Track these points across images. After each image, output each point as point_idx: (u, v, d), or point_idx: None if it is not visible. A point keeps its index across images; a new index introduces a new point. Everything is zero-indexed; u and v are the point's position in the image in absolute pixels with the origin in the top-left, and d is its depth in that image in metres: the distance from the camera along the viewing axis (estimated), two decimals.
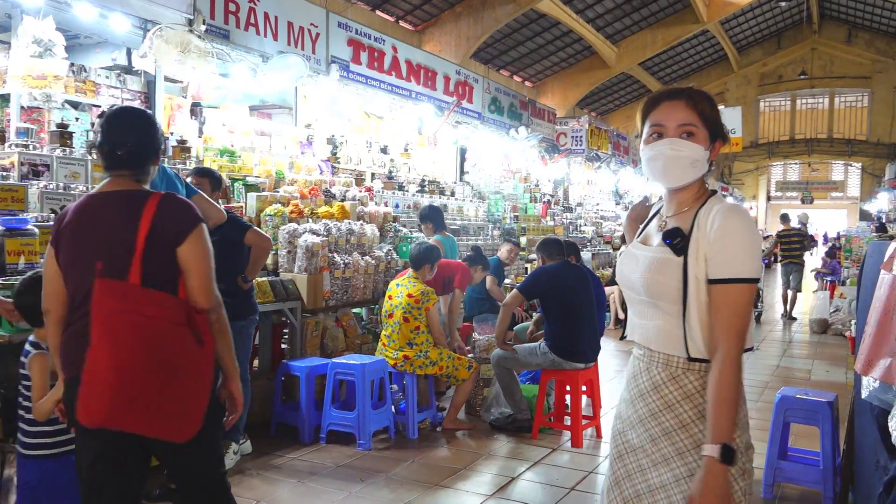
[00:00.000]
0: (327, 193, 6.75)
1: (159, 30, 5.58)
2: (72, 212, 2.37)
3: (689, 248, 1.78)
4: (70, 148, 5.12)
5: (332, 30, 7.52)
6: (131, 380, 2.16)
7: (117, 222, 2.31)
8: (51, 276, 2.37)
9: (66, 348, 2.32)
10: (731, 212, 1.78)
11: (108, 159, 2.38)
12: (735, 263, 1.73)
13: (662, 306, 1.83)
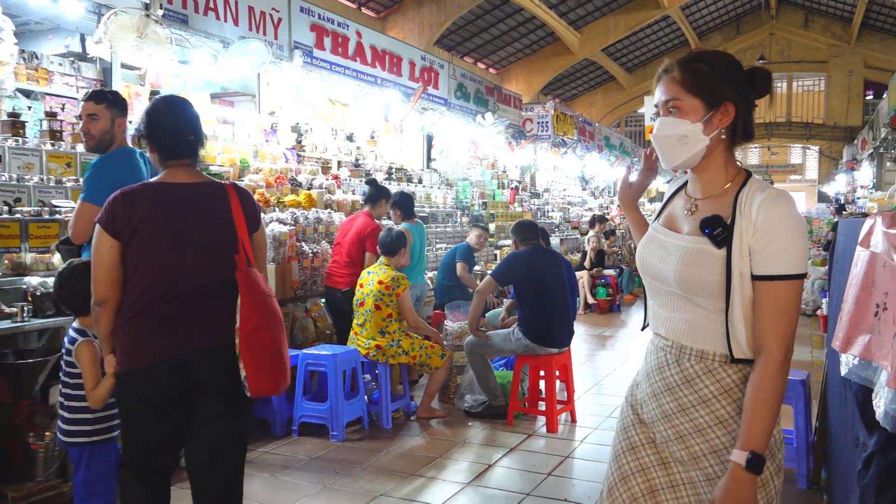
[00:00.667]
0: (293, 182, 6.62)
1: (114, 14, 5.37)
2: (147, 202, 2.46)
3: (733, 240, 1.61)
4: (23, 138, 4.91)
5: (294, 15, 7.34)
6: (284, 350, 2.55)
7: (215, 213, 2.53)
8: (110, 265, 2.45)
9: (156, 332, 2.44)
10: (779, 201, 1.61)
11: (173, 147, 2.53)
12: (785, 259, 1.58)
13: (698, 301, 1.67)
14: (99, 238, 2.45)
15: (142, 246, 2.44)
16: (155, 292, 2.44)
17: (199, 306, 2.49)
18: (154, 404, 2.48)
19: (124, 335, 2.48)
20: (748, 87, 1.68)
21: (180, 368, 2.46)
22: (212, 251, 2.51)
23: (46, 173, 4.82)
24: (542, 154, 13.36)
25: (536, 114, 13.06)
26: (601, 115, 28.34)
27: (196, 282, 2.49)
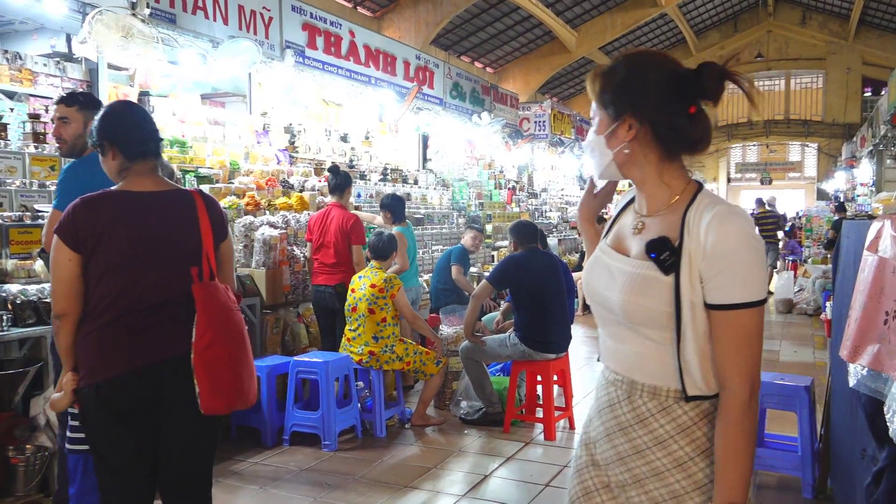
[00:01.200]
0: (285, 184, 6.50)
1: (98, 13, 5.24)
2: (111, 212, 2.36)
3: (682, 266, 1.44)
4: (5, 140, 4.79)
5: (285, 13, 7.22)
6: (242, 368, 2.45)
7: (180, 223, 2.46)
8: (70, 278, 2.35)
9: (124, 342, 2.35)
10: (731, 219, 1.42)
11: (136, 148, 2.44)
12: (740, 285, 1.41)
13: (647, 333, 1.51)
14: (58, 250, 2.33)
15: (106, 257, 2.34)
16: (122, 304, 2.35)
17: (166, 317, 2.40)
18: (122, 416, 2.37)
19: (90, 346, 2.36)
20: (671, 95, 1.48)
21: (148, 379, 2.37)
22: (177, 262, 2.43)
23: (29, 177, 4.70)
24: (539, 153, 13.25)
25: (533, 113, 12.95)
26: None
27: (162, 293, 2.40)
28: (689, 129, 1.50)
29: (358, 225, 5.44)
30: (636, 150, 1.52)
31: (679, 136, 1.51)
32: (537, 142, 12.87)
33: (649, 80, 1.50)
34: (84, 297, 2.37)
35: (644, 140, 1.51)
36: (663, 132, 1.50)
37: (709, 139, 1.54)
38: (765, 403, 4.08)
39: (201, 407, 2.37)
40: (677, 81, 1.49)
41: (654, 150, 1.52)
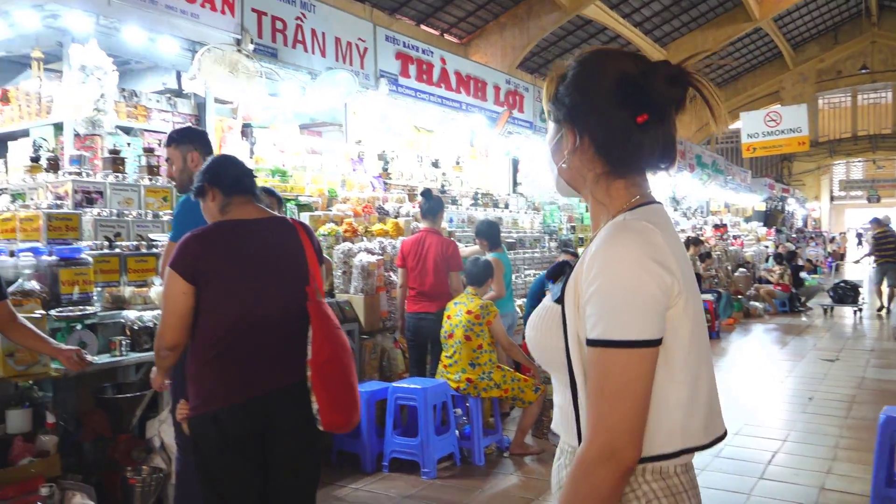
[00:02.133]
0: (381, 210, 6.59)
1: (207, 51, 5.50)
2: (222, 242, 2.44)
3: (566, 292, 1.23)
4: (123, 174, 5.06)
5: (379, 44, 7.38)
6: (354, 383, 2.51)
7: (288, 246, 2.53)
8: (185, 311, 2.40)
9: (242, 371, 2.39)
10: (615, 237, 1.18)
11: (232, 184, 2.55)
12: (604, 317, 1.14)
13: (556, 377, 1.30)
14: (172, 283, 2.40)
15: (221, 286, 2.41)
16: (237, 331, 2.40)
17: (279, 343, 2.47)
18: (236, 446, 2.41)
19: (208, 376, 2.42)
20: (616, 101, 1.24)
21: (263, 406, 2.42)
22: (287, 285, 2.50)
23: (144, 207, 4.94)
24: None
25: None
26: (690, 133, 27.46)
27: (275, 317, 2.47)
28: (640, 143, 1.24)
29: (457, 251, 5.44)
30: (579, 165, 1.30)
31: (625, 151, 1.26)
32: None
33: (591, 83, 1.27)
34: (196, 328, 2.43)
35: (587, 154, 1.28)
36: (604, 145, 1.26)
37: (671, 154, 1.29)
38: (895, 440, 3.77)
39: (322, 423, 2.41)
40: (622, 85, 1.25)
41: (597, 166, 1.28)
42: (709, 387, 1.29)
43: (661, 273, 1.16)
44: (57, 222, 4.35)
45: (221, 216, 2.55)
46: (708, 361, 1.31)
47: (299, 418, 2.46)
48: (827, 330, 11.49)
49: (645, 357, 1.15)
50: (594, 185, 1.30)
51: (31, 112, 5.60)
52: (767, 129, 15.70)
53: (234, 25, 5.83)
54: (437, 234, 5.53)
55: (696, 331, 1.24)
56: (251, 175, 2.65)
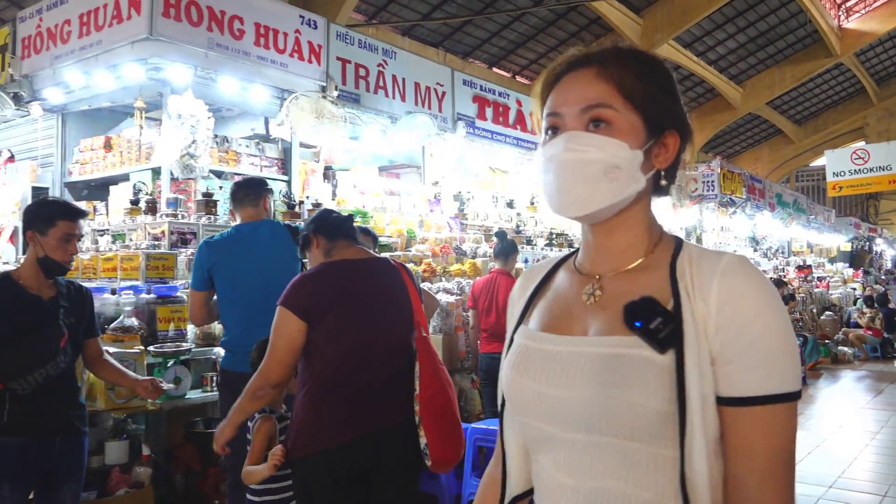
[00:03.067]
0: (458, 251, 6.65)
1: (295, 98, 5.74)
2: (332, 280, 2.51)
3: (686, 339, 0.94)
4: (215, 215, 5.29)
5: (457, 87, 7.55)
6: (459, 420, 2.50)
7: (392, 284, 2.61)
8: (296, 348, 2.43)
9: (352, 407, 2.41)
10: (751, 274, 0.97)
11: (337, 229, 2.65)
12: (777, 368, 0.93)
13: (632, 449, 0.96)
14: (285, 320, 2.42)
15: (333, 322, 2.44)
16: (349, 366, 2.43)
17: (388, 378, 2.48)
18: (345, 484, 2.39)
19: (318, 414, 2.41)
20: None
21: (373, 444, 2.42)
22: (394, 320, 2.55)
23: None
24: (707, 214, 12.70)
25: (701, 173, 12.49)
26: (768, 171, 26.80)
27: (384, 352, 2.49)
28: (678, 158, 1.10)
29: None
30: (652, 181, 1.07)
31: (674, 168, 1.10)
32: (706, 202, 12.35)
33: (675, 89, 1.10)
34: (306, 366, 2.46)
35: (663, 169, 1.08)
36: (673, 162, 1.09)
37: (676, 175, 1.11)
38: None
39: (431, 459, 2.39)
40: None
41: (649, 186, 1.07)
42: None
43: None
44: (154, 262, 4.58)
45: (326, 260, 2.63)
46: None
47: (406, 458, 2.45)
48: None
49: (796, 410, 0.95)
50: (647, 205, 1.08)
51: (131, 158, 5.95)
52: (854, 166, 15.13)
53: (320, 73, 6.09)
54: (507, 276, 5.56)
55: None
56: (351, 221, 2.74)
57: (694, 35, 18.96)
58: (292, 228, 3.60)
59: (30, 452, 2.79)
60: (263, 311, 3.42)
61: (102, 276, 4.73)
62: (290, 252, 3.53)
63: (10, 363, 2.73)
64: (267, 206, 3.68)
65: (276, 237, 3.57)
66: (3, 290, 2.87)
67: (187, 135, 5.27)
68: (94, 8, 5.44)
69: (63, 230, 2.83)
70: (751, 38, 20.14)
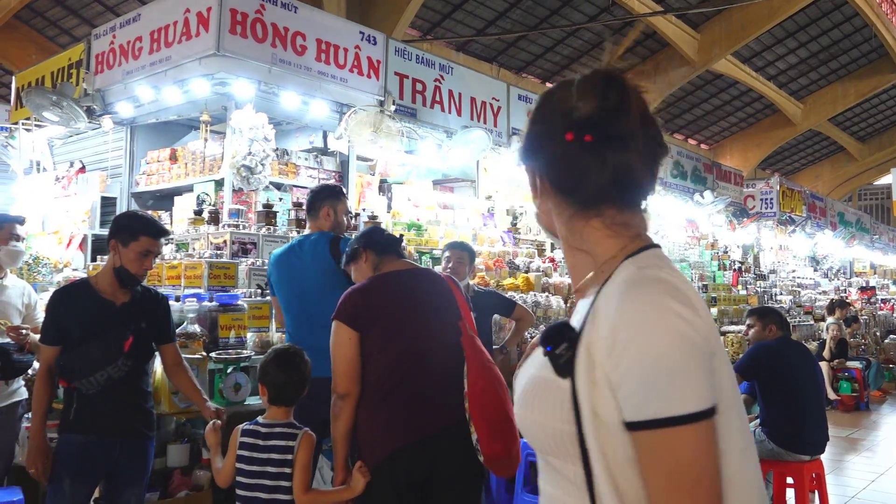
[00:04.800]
0: (511, 265, 6.64)
1: (353, 112, 5.85)
2: (381, 290, 2.63)
3: (577, 363, 0.97)
4: (274, 226, 5.41)
5: (512, 102, 7.57)
6: (511, 412, 2.43)
7: (438, 290, 2.71)
8: (352, 356, 2.53)
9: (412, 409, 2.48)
10: (644, 289, 0.97)
11: (387, 246, 2.79)
12: (657, 391, 0.90)
13: (555, 466, 1.04)
14: (339, 332, 2.56)
15: (383, 330, 2.55)
16: (401, 371, 2.52)
17: (440, 381, 2.54)
18: (407, 488, 2.44)
19: (377, 421, 2.49)
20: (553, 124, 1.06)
21: (433, 446, 2.47)
22: (442, 324, 2.62)
23: None
24: (765, 232, 12.40)
25: (759, 190, 12.23)
26: (829, 189, 26.02)
27: (435, 355, 2.56)
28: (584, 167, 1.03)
29: None
30: (548, 209, 1.12)
31: (570, 179, 1.06)
32: (764, 220, 12.07)
33: (537, 118, 1.11)
34: (363, 375, 2.54)
35: (550, 195, 1.10)
36: (554, 178, 1.08)
37: (629, 181, 1.05)
38: None
39: (483, 454, 2.41)
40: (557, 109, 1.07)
41: (563, 207, 1.09)
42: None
43: (701, 327, 0.95)
44: (217, 270, 4.71)
45: (374, 274, 2.74)
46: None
47: (464, 461, 2.49)
48: None
49: (711, 430, 0.92)
50: (568, 231, 1.10)
51: (195, 169, 6.14)
52: None
53: (378, 88, 6.19)
54: None
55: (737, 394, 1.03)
56: (400, 242, 2.89)
57: (753, 50, 18.64)
58: (334, 239, 3.60)
59: (92, 451, 2.89)
60: (302, 321, 3.55)
61: (167, 283, 4.88)
62: (325, 263, 3.52)
63: (75, 363, 2.85)
64: (329, 215, 3.72)
65: (315, 248, 3.60)
66: (79, 294, 3.00)
67: (249, 147, 5.42)
68: (164, 25, 5.66)
69: (144, 245, 2.96)
70: (812, 52, 19.69)
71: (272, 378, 2.64)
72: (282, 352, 2.75)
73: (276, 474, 2.55)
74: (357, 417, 2.53)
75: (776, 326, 4.80)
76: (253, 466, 2.57)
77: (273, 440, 2.59)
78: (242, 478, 2.59)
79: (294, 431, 2.62)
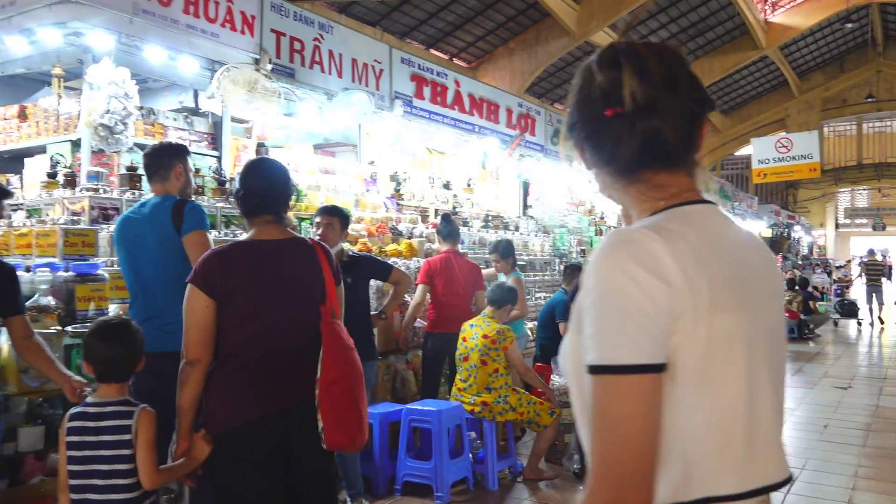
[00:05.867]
0: (394, 231, 6.57)
1: (226, 70, 5.52)
2: (244, 260, 2.47)
3: (572, 312, 1.11)
4: (139, 191, 5.05)
5: (395, 65, 7.42)
6: (362, 405, 2.52)
7: (307, 267, 2.56)
8: (206, 324, 2.41)
9: (258, 387, 2.41)
10: (601, 246, 1.06)
11: (252, 206, 2.57)
12: (603, 336, 1.00)
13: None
14: (193, 298, 2.43)
15: (241, 304, 2.44)
16: (256, 348, 2.44)
17: (294, 361, 2.48)
18: (256, 462, 2.42)
19: (225, 392, 2.43)
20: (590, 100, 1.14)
21: (279, 424, 2.44)
22: (306, 304, 2.53)
23: None
24: None
25: None
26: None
27: (292, 336, 2.49)
28: (617, 136, 1.10)
29: (481, 272, 5.66)
30: (603, 181, 1.20)
31: (607, 148, 1.13)
32: None
33: (575, 94, 1.18)
34: (215, 345, 2.44)
35: (595, 167, 1.18)
36: (594, 149, 1.16)
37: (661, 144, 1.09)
38: None
39: (325, 443, 2.42)
40: (587, 86, 1.14)
41: (608, 177, 1.18)
42: (748, 424, 1.08)
43: (654, 286, 0.99)
44: (73, 238, 4.33)
45: (247, 231, 2.63)
46: (753, 393, 1.08)
47: (314, 437, 2.47)
48: (837, 357, 11.40)
49: (647, 385, 0.97)
50: (620, 199, 1.19)
51: (48, 128, 5.63)
52: (778, 154, 15.75)
53: (253, 45, 5.87)
54: (461, 256, 5.65)
55: (723, 354, 1.05)
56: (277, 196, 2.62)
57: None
58: (178, 204, 3.24)
59: None
60: (138, 293, 3.30)
61: (15, 252, 4.45)
62: (164, 231, 3.19)
63: None
64: (181, 176, 3.38)
65: (155, 213, 3.26)
66: None
67: (108, 105, 5.00)
68: None
69: None
70: (682, 28, 20.59)
71: (95, 352, 2.41)
72: (104, 323, 2.50)
73: (111, 457, 2.31)
74: (206, 386, 2.44)
75: None
76: (84, 452, 2.32)
77: (106, 420, 2.35)
78: (74, 466, 2.33)
79: (129, 409, 2.38)
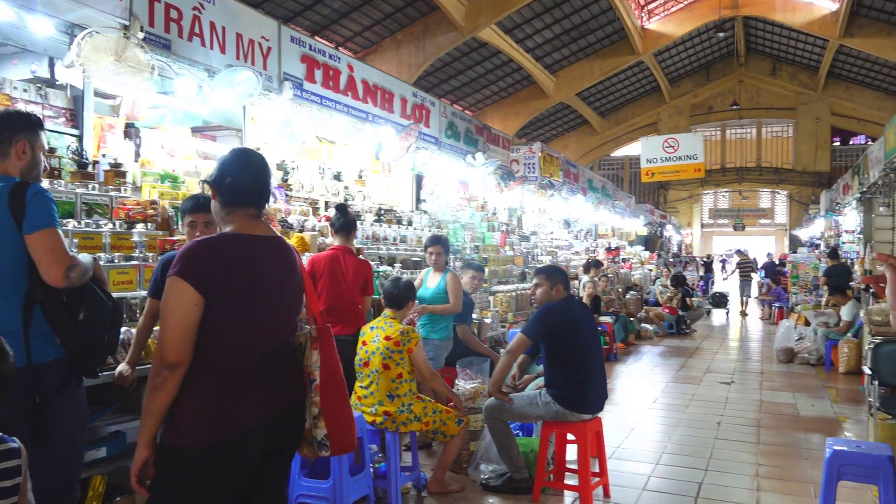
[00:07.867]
0: (284, 223, 6.01)
1: (89, 35, 4.77)
2: (231, 256, 2.28)
3: None
4: None
5: (284, 44, 6.81)
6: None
7: (289, 268, 2.44)
8: (192, 325, 2.19)
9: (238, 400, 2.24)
10: None
11: (238, 196, 2.39)
12: None
13: None
14: (181, 293, 2.18)
15: (227, 303, 2.24)
16: (248, 354, 2.27)
17: (275, 367, 2.35)
18: (225, 482, 2.22)
19: (199, 401, 2.20)
20: None
21: (259, 438, 2.28)
22: (289, 306, 2.45)
23: None
24: (528, 196, 12.94)
25: (523, 155, 12.67)
26: (576, 158, 28.31)
27: (277, 340, 2.38)
28: None
29: (372, 274, 5.07)
30: None
31: None
32: (528, 184, 12.56)
33: None
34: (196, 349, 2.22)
35: None
36: None
37: None
38: (841, 475, 3.66)
39: (331, 449, 2.38)
40: None
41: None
42: None
43: None
44: None
45: (224, 222, 2.42)
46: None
47: (290, 442, 2.43)
48: (714, 352, 11.84)
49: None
50: None
51: None
52: (665, 154, 16.37)
53: (122, 10, 5.12)
54: (352, 254, 5.15)
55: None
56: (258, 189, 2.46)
57: (515, 22, 19.36)
58: (18, 186, 2.61)
59: None
60: None
61: None
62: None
63: None
64: (25, 153, 2.74)
65: None
66: None
67: None
68: None
69: None
70: (565, 29, 20.98)
71: None
72: None
73: None
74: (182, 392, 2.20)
75: (562, 286, 4.76)
76: None
77: None
78: None
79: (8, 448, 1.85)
